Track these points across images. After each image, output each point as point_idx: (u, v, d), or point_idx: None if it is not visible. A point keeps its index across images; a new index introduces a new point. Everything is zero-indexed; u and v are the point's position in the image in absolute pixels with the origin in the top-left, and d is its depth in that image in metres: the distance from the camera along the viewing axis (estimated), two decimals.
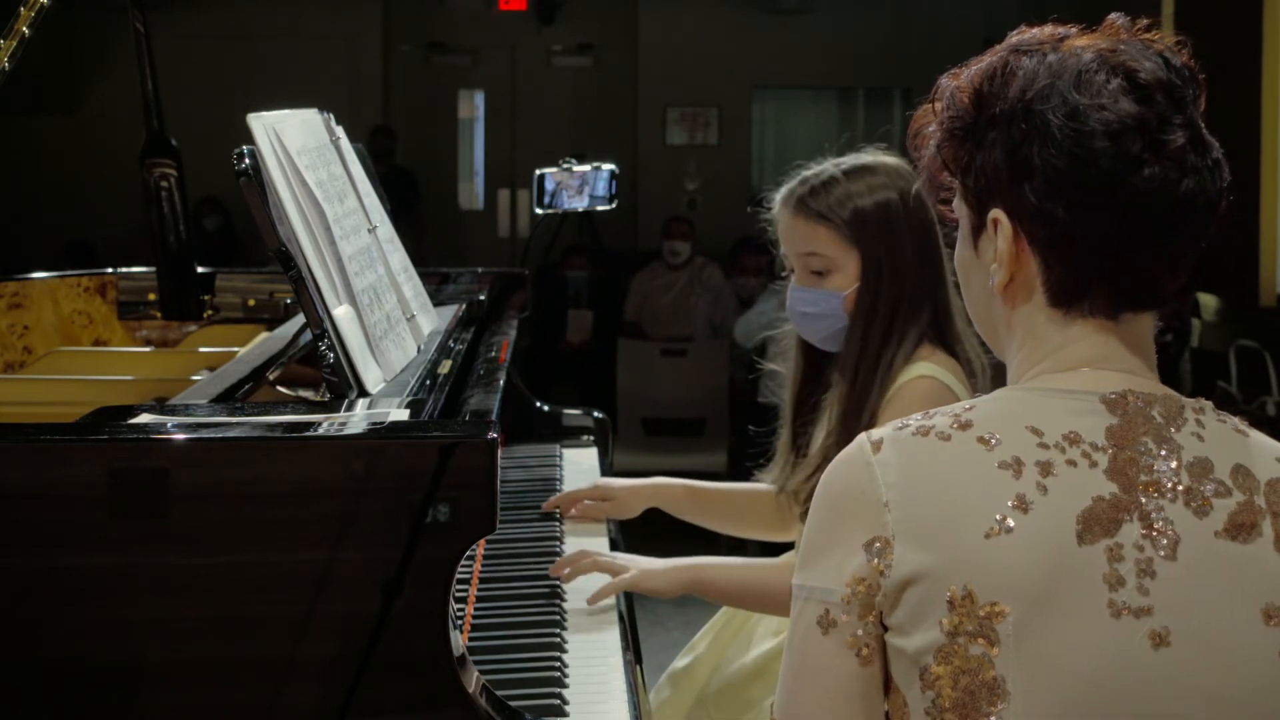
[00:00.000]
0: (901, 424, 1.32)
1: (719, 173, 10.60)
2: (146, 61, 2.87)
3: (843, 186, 2.29)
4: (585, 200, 3.29)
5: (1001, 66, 1.33)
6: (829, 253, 2.29)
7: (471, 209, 11.02)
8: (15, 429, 1.63)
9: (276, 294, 3.12)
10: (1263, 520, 1.26)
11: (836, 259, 2.28)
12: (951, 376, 2.24)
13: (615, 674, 1.98)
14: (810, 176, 2.33)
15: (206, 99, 8.29)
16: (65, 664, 1.50)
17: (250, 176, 1.85)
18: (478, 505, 1.54)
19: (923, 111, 1.43)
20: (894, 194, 2.28)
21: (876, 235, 2.27)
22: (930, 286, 2.28)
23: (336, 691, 1.50)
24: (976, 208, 1.35)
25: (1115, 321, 1.32)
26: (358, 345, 1.92)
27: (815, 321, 2.32)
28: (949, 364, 2.26)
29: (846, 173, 2.31)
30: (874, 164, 2.33)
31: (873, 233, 2.27)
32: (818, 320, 2.32)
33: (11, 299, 2.94)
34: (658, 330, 8.00)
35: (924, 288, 2.27)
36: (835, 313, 2.29)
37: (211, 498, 1.52)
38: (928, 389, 2.21)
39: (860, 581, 1.27)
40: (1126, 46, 1.31)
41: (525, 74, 10.85)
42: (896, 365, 2.24)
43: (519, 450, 3.03)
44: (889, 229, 2.27)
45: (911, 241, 2.27)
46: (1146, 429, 1.28)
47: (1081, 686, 1.22)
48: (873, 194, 2.28)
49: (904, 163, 2.33)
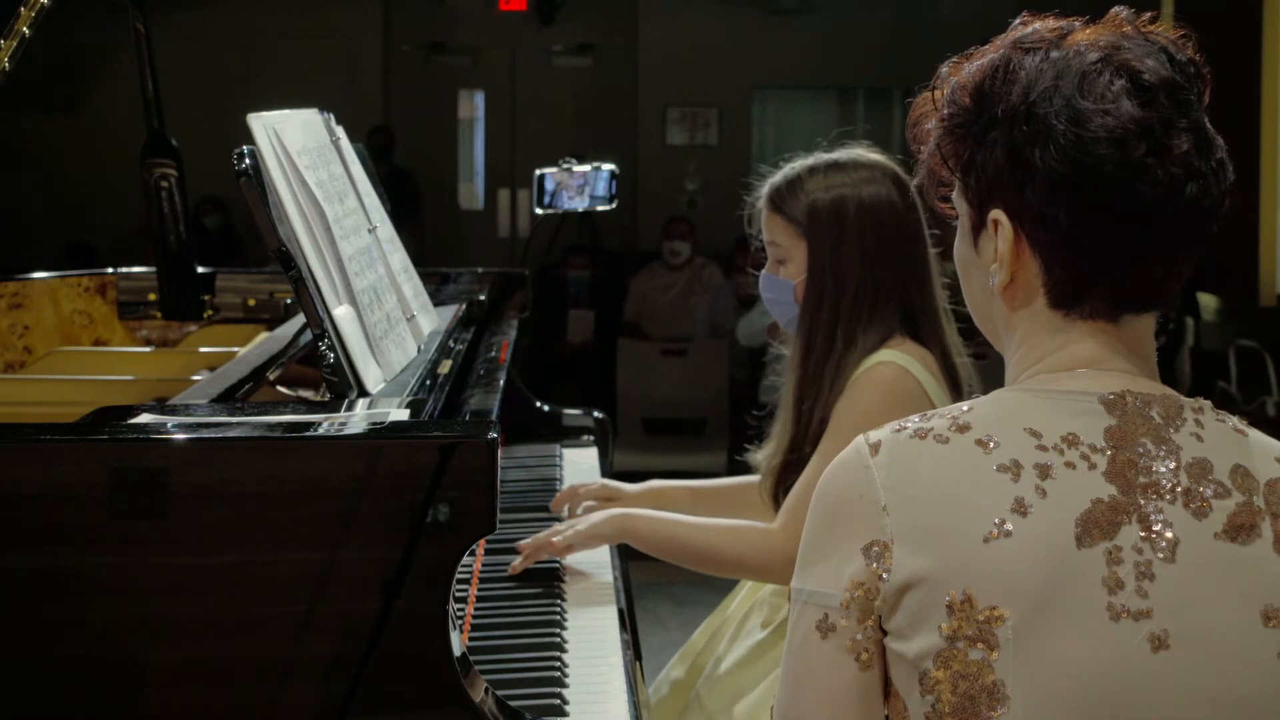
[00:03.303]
0: (899, 426, 1.32)
1: (719, 173, 10.59)
2: (146, 61, 2.87)
3: (807, 182, 2.38)
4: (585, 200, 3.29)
5: (1004, 64, 1.32)
6: (783, 242, 2.40)
7: (471, 209, 11.02)
8: (15, 429, 1.63)
9: (276, 294, 3.12)
10: (1262, 521, 1.26)
11: (789, 249, 2.39)
12: (917, 364, 2.30)
13: (615, 674, 1.98)
14: (788, 170, 2.42)
15: (206, 99, 8.29)
16: (65, 664, 1.50)
17: (250, 176, 1.85)
18: (478, 505, 1.54)
19: (922, 99, 1.42)
20: (854, 191, 2.35)
21: (824, 230, 2.35)
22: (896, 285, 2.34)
23: (336, 691, 1.50)
24: (977, 206, 1.34)
25: (1115, 323, 1.32)
26: (358, 345, 1.92)
27: (775, 307, 2.44)
28: (917, 353, 2.32)
29: (813, 169, 2.39)
30: (847, 161, 2.40)
31: (821, 228, 2.35)
32: (776, 306, 2.43)
33: (11, 299, 2.94)
34: (658, 330, 8.00)
35: (886, 287, 2.33)
36: (789, 300, 2.40)
37: (212, 498, 1.52)
38: (885, 375, 2.29)
39: (859, 586, 1.27)
40: (1129, 43, 1.30)
41: (525, 74, 10.85)
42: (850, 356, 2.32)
43: (519, 450, 3.03)
44: (839, 225, 2.34)
45: (864, 239, 2.34)
46: (1145, 430, 1.28)
47: (1081, 690, 1.21)
48: (830, 191, 2.36)
49: (887, 162, 2.40)
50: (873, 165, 2.38)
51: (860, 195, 2.34)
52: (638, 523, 2.34)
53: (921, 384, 2.28)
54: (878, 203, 2.34)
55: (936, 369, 2.32)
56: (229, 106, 3.10)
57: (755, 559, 2.31)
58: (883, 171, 2.38)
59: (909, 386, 2.28)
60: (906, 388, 2.28)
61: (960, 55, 1.38)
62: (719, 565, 2.35)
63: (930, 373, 2.30)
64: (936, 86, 1.39)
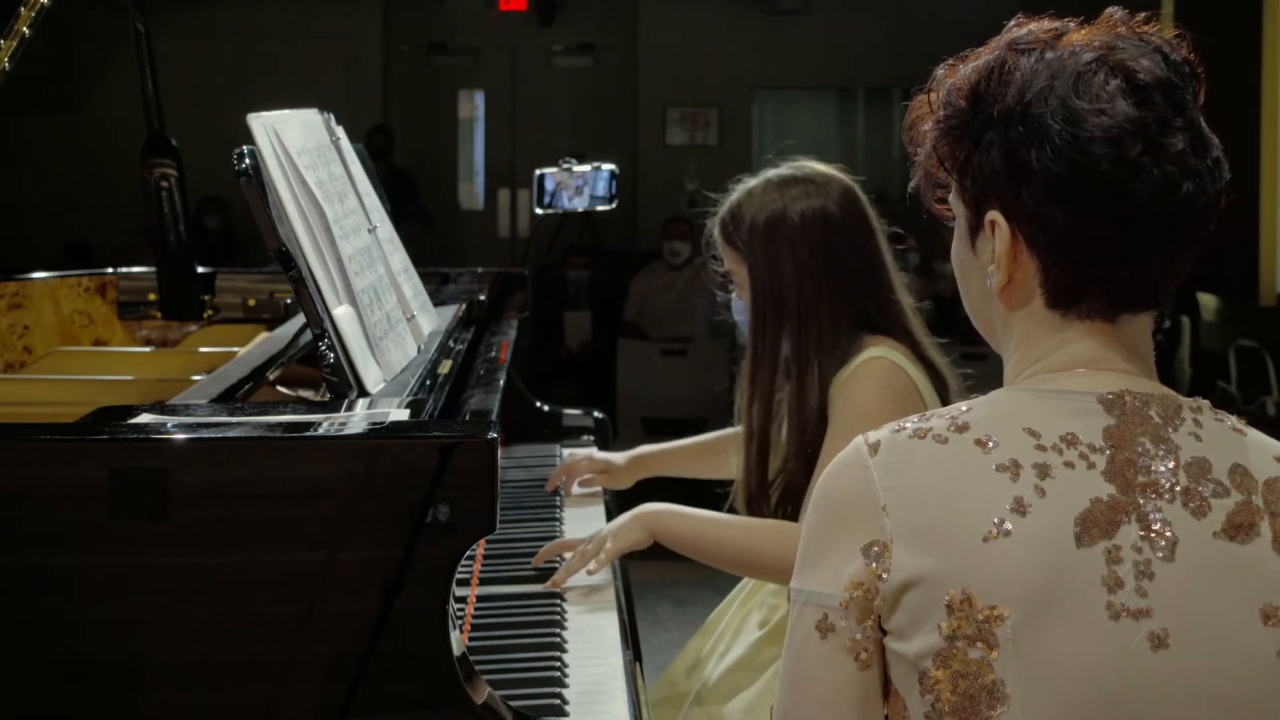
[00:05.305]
0: (898, 426, 1.32)
1: (719, 173, 10.56)
2: (146, 61, 2.87)
3: (744, 206, 2.42)
4: (585, 200, 3.29)
5: (999, 65, 1.32)
6: (731, 267, 2.46)
7: (471, 209, 11.02)
8: (15, 429, 1.63)
9: (276, 294, 3.12)
10: (1261, 520, 1.26)
11: (738, 273, 2.44)
12: (903, 359, 2.34)
13: (615, 674, 1.98)
14: (732, 198, 2.47)
15: (206, 99, 8.29)
16: (65, 664, 1.50)
17: (250, 176, 1.85)
18: (478, 505, 1.54)
19: (918, 102, 1.42)
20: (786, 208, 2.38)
21: (759, 250, 2.39)
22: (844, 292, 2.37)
23: (336, 691, 1.50)
24: (974, 207, 1.34)
25: (1113, 323, 1.32)
26: (358, 345, 1.92)
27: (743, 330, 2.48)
28: (898, 348, 2.35)
29: (751, 191, 2.43)
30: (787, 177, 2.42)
31: (758, 248, 2.39)
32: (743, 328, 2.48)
33: (11, 299, 2.94)
34: (658, 330, 8.00)
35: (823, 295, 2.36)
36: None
37: (211, 498, 1.52)
38: (880, 369, 2.32)
39: (858, 586, 1.27)
40: (1124, 43, 1.30)
41: (525, 74, 10.85)
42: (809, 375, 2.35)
43: (519, 450, 3.04)
44: (774, 243, 2.38)
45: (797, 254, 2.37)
46: (1144, 429, 1.28)
47: (1081, 689, 1.22)
48: (764, 210, 2.39)
49: (832, 173, 2.44)
50: (810, 179, 2.41)
51: (791, 211, 2.37)
52: (669, 520, 2.31)
53: (912, 377, 2.31)
54: (810, 215, 2.37)
55: (918, 361, 2.36)
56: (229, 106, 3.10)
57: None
58: (821, 184, 2.40)
59: (902, 381, 2.31)
60: (900, 383, 2.31)
61: (955, 58, 1.38)
62: (756, 566, 2.32)
63: (914, 365, 2.35)
64: (932, 89, 1.39)
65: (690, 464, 2.85)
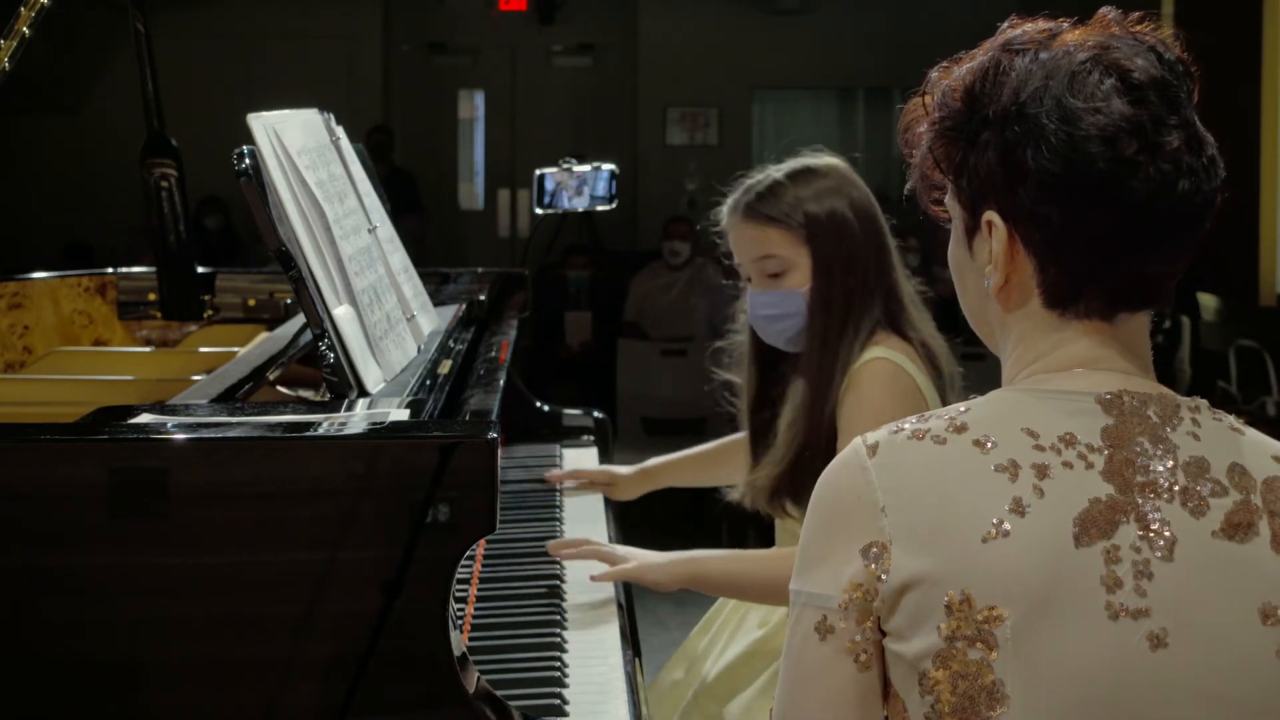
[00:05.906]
0: (896, 427, 1.32)
1: (719, 173, 10.57)
2: (146, 61, 2.87)
3: (791, 190, 2.38)
4: (585, 200, 3.29)
5: (994, 66, 1.32)
6: (783, 253, 2.38)
7: (471, 209, 11.02)
8: (15, 429, 1.63)
9: (276, 294, 3.12)
10: (1259, 519, 1.26)
11: (791, 258, 2.37)
12: (905, 359, 2.33)
13: (615, 674, 1.98)
14: (754, 184, 2.42)
15: (206, 99, 8.29)
16: (65, 664, 1.50)
17: (250, 176, 1.85)
18: (478, 505, 1.54)
19: (913, 104, 1.42)
20: (840, 196, 2.38)
21: (828, 237, 2.36)
22: (879, 278, 2.37)
23: (336, 691, 1.50)
24: (970, 208, 1.34)
25: (1111, 322, 1.32)
26: (358, 345, 1.92)
27: (778, 323, 2.40)
28: (902, 347, 2.35)
29: (790, 176, 2.40)
30: (817, 166, 2.42)
31: (824, 235, 2.36)
32: (780, 321, 2.40)
33: (11, 299, 2.94)
34: (658, 330, 7.99)
35: (874, 281, 2.36)
36: (798, 311, 2.37)
37: (211, 498, 1.52)
38: (883, 370, 2.31)
39: (857, 587, 1.27)
40: (1118, 43, 1.30)
41: (525, 74, 10.86)
42: (853, 355, 2.33)
43: (519, 450, 3.04)
44: (840, 231, 2.36)
45: (861, 240, 2.37)
46: (1142, 429, 1.28)
47: (1080, 689, 1.22)
48: (820, 199, 2.37)
49: (843, 162, 2.44)
50: (836, 165, 2.42)
51: (848, 197, 2.37)
52: (708, 567, 2.30)
53: (914, 378, 2.31)
54: (863, 200, 2.38)
55: (919, 359, 2.36)
56: (229, 106, 3.10)
57: None
58: (847, 170, 2.42)
59: (905, 382, 2.31)
60: (903, 384, 2.31)
61: (950, 59, 1.39)
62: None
63: (915, 365, 2.34)
64: (926, 91, 1.39)
65: (697, 473, 2.86)
